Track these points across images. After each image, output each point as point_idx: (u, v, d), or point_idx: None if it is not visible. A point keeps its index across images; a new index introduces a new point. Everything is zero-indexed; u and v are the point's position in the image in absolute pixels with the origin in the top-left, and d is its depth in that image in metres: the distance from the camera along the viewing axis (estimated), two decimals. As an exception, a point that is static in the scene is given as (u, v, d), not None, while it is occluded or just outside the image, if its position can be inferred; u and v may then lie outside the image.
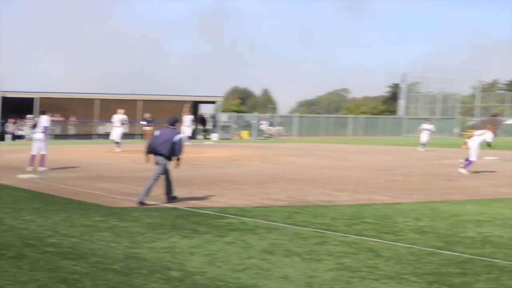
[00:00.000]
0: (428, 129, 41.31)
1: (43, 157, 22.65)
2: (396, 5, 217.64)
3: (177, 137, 14.29)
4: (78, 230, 10.96)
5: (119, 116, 35.33)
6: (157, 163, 14.35)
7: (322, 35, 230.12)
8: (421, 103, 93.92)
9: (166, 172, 14.46)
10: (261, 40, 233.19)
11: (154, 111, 52.21)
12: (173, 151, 14.16)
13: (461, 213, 13.55)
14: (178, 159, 14.41)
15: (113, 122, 35.71)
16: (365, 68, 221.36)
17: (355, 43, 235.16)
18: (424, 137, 40.72)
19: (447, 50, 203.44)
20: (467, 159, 23.40)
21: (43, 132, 22.88)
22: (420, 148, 40.11)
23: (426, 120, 45.59)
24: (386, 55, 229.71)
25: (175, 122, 14.85)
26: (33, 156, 22.66)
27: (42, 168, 22.36)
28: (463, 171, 23.08)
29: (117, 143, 34.52)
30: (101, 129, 56.02)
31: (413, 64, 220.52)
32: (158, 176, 14.36)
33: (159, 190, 16.77)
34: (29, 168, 22.23)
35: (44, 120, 22.97)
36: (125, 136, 49.91)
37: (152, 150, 14.36)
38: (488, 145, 23.41)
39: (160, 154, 14.20)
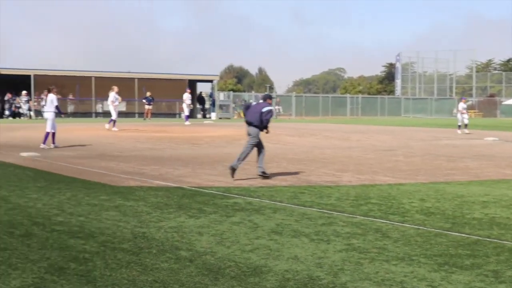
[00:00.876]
0: (465, 108, 38.14)
1: (48, 135, 22.74)
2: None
3: (264, 109, 15.07)
4: (85, 209, 10.92)
5: (111, 94, 34.94)
6: (248, 134, 15.23)
7: (314, 13, 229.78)
8: (417, 83, 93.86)
9: (258, 143, 15.33)
10: (253, 18, 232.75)
11: (150, 89, 52.13)
12: (261, 121, 15.02)
13: (466, 194, 13.52)
14: (266, 129, 15.25)
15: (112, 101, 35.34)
16: (359, 47, 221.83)
17: (348, 22, 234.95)
18: (464, 117, 37.67)
19: (440, 30, 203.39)
20: None
21: (53, 111, 22.91)
22: (459, 130, 37.28)
23: (462, 98, 42.17)
24: (380, 34, 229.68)
25: (268, 98, 15.66)
26: (47, 134, 22.74)
27: (42, 145, 22.40)
28: None
29: (111, 121, 34.44)
30: (99, 107, 55.88)
31: (406, 44, 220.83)
32: (251, 147, 15.24)
33: (162, 169, 16.78)
34: (42, 146, 22.36)
35: (53, 98, 22.98)
36: (123, 115, 49.84)
37: (246, 122, 15.33)
38: None
39: (250, 124, 15.13)
